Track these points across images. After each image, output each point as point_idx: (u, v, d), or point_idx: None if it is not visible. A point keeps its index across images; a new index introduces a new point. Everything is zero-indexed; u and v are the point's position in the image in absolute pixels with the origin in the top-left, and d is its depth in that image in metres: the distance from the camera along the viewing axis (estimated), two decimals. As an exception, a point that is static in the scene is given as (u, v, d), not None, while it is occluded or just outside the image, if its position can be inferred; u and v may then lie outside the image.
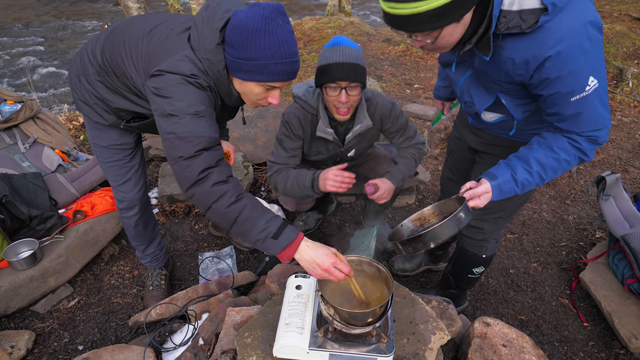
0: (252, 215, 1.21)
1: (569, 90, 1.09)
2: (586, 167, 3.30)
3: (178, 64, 1.22)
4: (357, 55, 1.70)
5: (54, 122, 2.93)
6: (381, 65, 5.27)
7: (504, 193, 1.27)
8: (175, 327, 1.72)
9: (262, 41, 1.16)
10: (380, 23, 10.29)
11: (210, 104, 1.27)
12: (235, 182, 1.24)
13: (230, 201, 1.19)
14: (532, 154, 1.23)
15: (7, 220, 2.06)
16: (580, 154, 1.21)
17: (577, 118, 1.14)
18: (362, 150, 2.11)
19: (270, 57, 1.19)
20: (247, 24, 1.16)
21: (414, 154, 2.05)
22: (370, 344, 1.24)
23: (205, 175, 1.19)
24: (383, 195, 1.92)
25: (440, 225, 1.17)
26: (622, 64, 4.75)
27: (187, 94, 1.21)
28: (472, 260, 1.82)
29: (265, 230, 1.20)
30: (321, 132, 1.88)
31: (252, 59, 1.19)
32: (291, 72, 1.24)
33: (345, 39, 1.76)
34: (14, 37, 9.47)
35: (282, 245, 1.21)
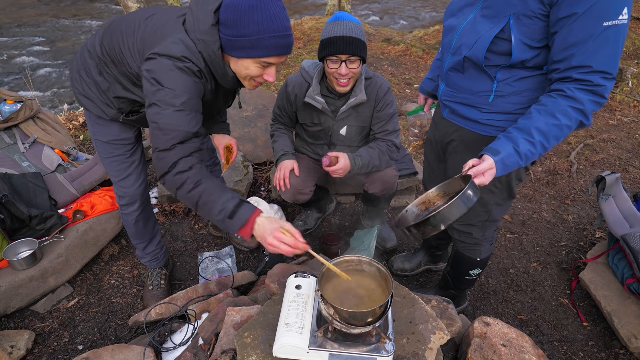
0: (210, 199, 1.27)
1: (603, 12, 1.05)
2: (586, 167, 3.30)
3: (171, 47, 1.26)
4: (358, 30, 1.78)
5: (54, 122, 2.93)
6: (381, 65, 5.27)
7: (508, 167, 1.23)
8: (175, 327, 1.72)
9: (255, 17, 1.20)
10: (380, 23, 10.30)
11: (197, 94, 1.31)
12: (197, 170, 1.28)
13: (189, 188, 1.26)
14: (533, 124, 1.19)
15: (7, 220, 2.06)
16: (581, 117, 1.16)
17: (601, 48, 1.09)
18: (354, 133, 2.11)
19: (264, 32, 1.22)
20: (240, 1, 1.21)
21: (381, 147, 2.06)
22: (370, 344, 1.24)
23: (174, 165, 1.26)
24: (338, 171, 1.95)
25: (449, 206, 1.11)
26: (622, 64, 4.75)
27: (176, 82, 1.25)
28: (467, 264, 1.82)
29: (223, 212, 1.27)
30: (310, 98, 1.98)
31: (246, 35, 1.23)
32: (285, 45, 1.28)
33: (347, 15, 1.81)
34: (14, 37, 9.47)
35: (239, 224, 1.28)
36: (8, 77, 7.64)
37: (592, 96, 1.15)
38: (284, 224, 1.31)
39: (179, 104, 1.25)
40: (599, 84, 1.13)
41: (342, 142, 2.16)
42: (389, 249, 2.48)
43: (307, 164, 2.28)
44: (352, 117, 2.05)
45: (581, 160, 3.38)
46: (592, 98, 1.15)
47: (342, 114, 2.02)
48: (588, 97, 1.15)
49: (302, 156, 2.30)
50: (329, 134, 2.14)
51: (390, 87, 2.04)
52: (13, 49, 8.81)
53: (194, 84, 1.29)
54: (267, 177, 3.07)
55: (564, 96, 1.17)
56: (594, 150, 3.51)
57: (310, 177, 2.24)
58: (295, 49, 5.86)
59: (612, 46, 1.09)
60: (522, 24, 1.19)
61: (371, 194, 2.26)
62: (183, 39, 1.28)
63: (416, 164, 2.77)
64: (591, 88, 1.14)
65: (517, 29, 1.20)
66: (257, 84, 1.40)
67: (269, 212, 2.64)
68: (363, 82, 1.96)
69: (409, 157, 2.48)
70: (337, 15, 1.82)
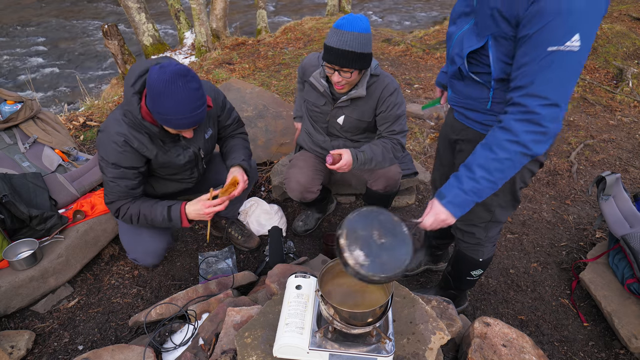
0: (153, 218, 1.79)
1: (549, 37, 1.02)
2: (586, 167, 3.30)
3: (107, 123, 1.66)
4: (356, 42, 1.74)
5: (54, 122, 2.93)
6: (381, 65, 5.27)
7: (462, 206, 1.25)
8: (175, 327, 1.72)
9: (164, 102, 1.48)
10: (380, 23, 10.30)
11: (127, 162, 1.67)
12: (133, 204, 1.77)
13: (136, 219, 1.79)
14: (475, 160, 1.20)
15: (7, 220, 2.06)
16: (520, 148, 1.13)
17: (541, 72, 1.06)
18: (351, 125, 2.12)
19: (172, 114, 1.50)
20: (153, 86, 1.48)
21: (385, 144, 2.05)
22: (370, 344, 1.24)
23: (117, 212, 1.79)
24: (342, 168, 1.95)
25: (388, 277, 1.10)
26: (622, 64, 4.75)
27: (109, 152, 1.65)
28: (469, 264, 1.81)
29: (164, 220, 1.79)
30: (314, 79, 2.03)
31: (158, 112, 1.53)
32: (190, 123, 1.56)
33: (352, 21, 1.75)
34: (14, 37, 9.47)
35: (178, 221, 1.80)
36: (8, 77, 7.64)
37: (527, 125, 1.11)
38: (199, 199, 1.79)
39: (110, 176, 1.69)
40: (533, 111, 1.09)
41: (339, 131, 2.16)
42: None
43: (314, 163, 2.28)
44: (350, 108, 2.05)
45: (581, 160, 3.38)
46: (527, 128, 1.11)
47: (341, 102, 2.03)
48: (523, 128, 1.11)
49: (308, 155, 2.30)
50: (326, 119, 2.14)
51: (398, 88, 2.01)
52: (13, 49, 8.80)
53: (122, 156, 1.65)
54: (267, 177, 3.07)
55: (500, 128, 1.16)
56: (594, 150, 3.51)
57: (317, 175, 2.24)
58: (295, 49, 5.86)
59: (554, 72, 1.05)
60: (500, 44, 1.19)
61: (374, 191, 2.26)
62: (117, 116, 1.65)
63: (416, 163, 2.77)
64: (527, 116, 1.10)
65: (495, 48, 1.20)
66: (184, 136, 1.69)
67: (268, 212, 2.64)
68: (367, 78, 1.96)
69: (409, 157, 2.47)
70: (340, 21, 1.77)
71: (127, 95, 1.59)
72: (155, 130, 1.64)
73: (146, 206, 1.78)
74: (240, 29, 8.15)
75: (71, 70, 7.83)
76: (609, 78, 4.68)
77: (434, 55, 5.53)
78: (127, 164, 1.68)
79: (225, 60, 5.56)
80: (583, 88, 4.49)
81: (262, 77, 4.85)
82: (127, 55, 6.23)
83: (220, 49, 6.10)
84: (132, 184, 1.74)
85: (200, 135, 1.87)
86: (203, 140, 1.90)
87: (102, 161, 1.68)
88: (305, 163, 2.26)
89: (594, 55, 5.00)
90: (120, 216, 1.78)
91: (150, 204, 1.79)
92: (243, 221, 2.62)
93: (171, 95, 1.46)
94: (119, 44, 6.07)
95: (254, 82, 4.68)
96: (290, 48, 5.89)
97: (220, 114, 1.98)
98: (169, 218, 1.78)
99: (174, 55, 6.58)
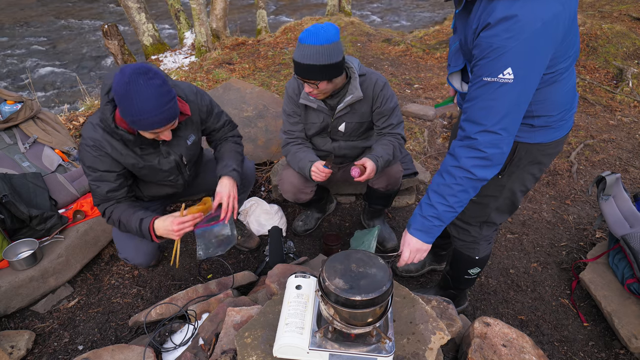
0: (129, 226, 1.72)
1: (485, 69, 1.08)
2: (586, 167, 3.30)
3: (84, 128, 1.64)
4: (318, 54, 1.73)
5: (54, 122, 2.93)
6: (381, 65, 5.27)
7: (427, 232, 1.32)
8: (175, 327, 1.72)
9: (129, 103, 1.42)
10: (380, 23, 10.30)
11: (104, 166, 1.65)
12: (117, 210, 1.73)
13: (117, 225, 1.75)
14: (431, 187, 1.27)
15: (7, 220, 2.06)
16: (464, 173, 1.18)
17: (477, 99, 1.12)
18: (353, 129, 2.12)
19: (140, 114, 1.43)
20: (117, 90, 1.42)
21: (392, 141, 2.07)
22: (370, 344, 1.24)
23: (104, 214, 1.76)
24: (370, 176, 1.96)
25: None
26: (622, 64, 4.75)
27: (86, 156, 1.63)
28: (466, 262, 1.82)
29: (137, 232, 1.72)
30: (304, 99, 2.00)
31: (126, 116, 1.47)
32: (161, 120, 1.48)
33: (315, 33, 1.73)
34: (14, 37, 9.47)
35: (148, 235, 1.71)
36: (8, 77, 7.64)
37: (469, 151, 1.16)
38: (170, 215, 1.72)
39: (90, 179, 1.68)
40: (470, 136, 1.15)
41: (342, 137, 2.17)
42: (389, 249, 2.48)
43: None
44: (349, 114, 2.06)
45: (581, 160, 3.38)
46: (469, 154, 1.16)
47: (340, 112, 2.03)
48: (465, 154, 1.17)
49: None
50: (328, 130, 2.15)
51: (386, 82, 2.03)
52: (13, 49, 8.81)
53: (99, 160, 1.63)
54: (267, 177, 3.07)
55: (449, 153, 1.23)
56: (594, 150, 3.51)
57: None
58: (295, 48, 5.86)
59: (488, 100, 1.10)
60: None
61: (375, 190, 2.26)
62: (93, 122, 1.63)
63: (416, 163, 2.77)
64: (466, 142, 1.16)
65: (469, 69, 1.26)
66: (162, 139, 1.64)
67: (269, 212, 2.64)
68: (357, 80, 1.96)
69: (409, 157, 2.47)
70: (303, 34, 1.76)
71: (102, 103, 1.56)
72: (130, 137, 1.59)
73: (126, 214, 1.72)
74: (240, 29, 8.15)
75: (71, 70, 7.83)
76: (609, 78, 4.68)
77: (434, 55, 5.53)
78: (103, 168, 1.66)
79: (225, 60, 5.56)
80: (583, 88, 4.48)
81: (262, 77, 4.85)
82: (127, 55, 6.24)
83: (220, 49, 6.10)
84: (113, 186, 1.70)
85: (182, 141, 1.80)
86: (185, 146, 1.82)
87: (82, 165, 1.68)
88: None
89: (594, 55, 5.00)
90: (107, 219, 1.76)
91: (130, 212, 1.73)
92: (243, 221, 2.62)
93: (134, 95, 1.39)
94: (119, 44, 6.07)
95: (254, 82, 4.68)
96: (290, 48, 5.89)
97: (205, 117, 1.90)
98: (141, 234, 1.72)
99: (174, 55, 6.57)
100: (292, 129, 2.14)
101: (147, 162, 1.74)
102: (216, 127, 1.99)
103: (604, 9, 6.75)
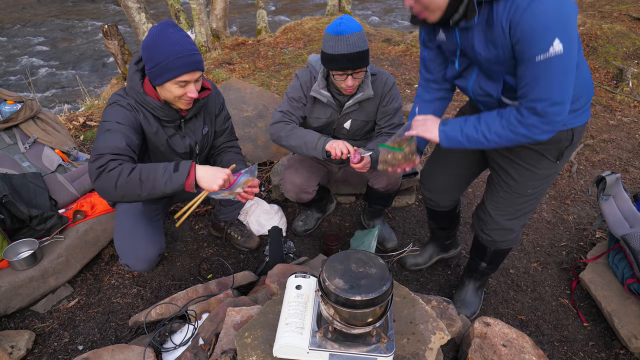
0: (151, 169, 1.50)
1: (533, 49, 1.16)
2: (586, 167, 3.30)
3: (112, 97, 1.67)
4: (360, 41, 1.78)
5: (54, 122, 2.93)
6: (381, 65, 5.27)
7: (451, 140, 1.42)
8: (175, 327, 1.72)
9: (160, 48, 1.52)
10: (380, 23, 10.29)
11: (129, 122, 1.61)
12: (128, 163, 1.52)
13: (127, 172, 1.48)
14: (487, 117, 1.35)
15: (7, 220, 2.06)
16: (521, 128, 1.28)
17: (539, 80, 1.20)
18: (358, 127, 2.13)
19: (170, 56, 1.52)
20: (148, 41, 1.54)
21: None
22: (370, 344, 1.24)
23: (105, 165, 1.49)
24: (364, 168, 1.97)
25: None
26: (622, 64, 4.75)
27: (112, 112, 1.62)
28: (506, 252, 1.89)
29: (166, 172, 1.49)
30: (315, 92, 2.00)
31: (158, 63, 1.54)
32: (192, 62, 1.56)
33: (347, 23, 1.78)
34: (14, 37, 9.48)
35: (184, 173, 1.49)
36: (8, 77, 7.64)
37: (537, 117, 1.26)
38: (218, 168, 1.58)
39: (108, 129, 1.57)
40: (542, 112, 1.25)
41: (345, 135, 2.17)
42: (389, 249, 2.48)
43: (310, 163, 2.28)
44: (357, 112, 2.07)
45: (581, 160, 3.38)
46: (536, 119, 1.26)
47: (348, 108, 2.04)
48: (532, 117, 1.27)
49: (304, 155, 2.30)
50: (332, 127, 2.14)
51: (394, 82, 2.06)
52: (13, 49, 8.81)
53: (125, 114, 1.61)
54: (267, 177, 3.07)
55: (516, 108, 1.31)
56: (594, 150, 3.51)
57: (313, 175, 2.25)
58: (295, 48, 5.86)
59: (549, 76, 1.19)
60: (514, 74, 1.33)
61: (375, 190, 2.27)
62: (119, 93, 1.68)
63: (416, 164, 2.77)
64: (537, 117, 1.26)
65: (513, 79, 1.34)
66: (187, 102, 1.66)
67: (269, 212, 2.64)
68: (369, 78, 1.98)
69: (409, 157, 2.48)
70: (337, 28, 1.76)
71: (130, 72, 1.65)
72: (157, 104, 1.65)
73: (146, 165, 1.53)
74: (240, 29, 8.15)
75: (71, 70, 7.83)
76: (609, 78, 4.68)
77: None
78: (129, 124, 1.61)
79: (225, 60, 5.56)
80: (583, 88, 4.49)
81: (262, 77, 4.85)
82: (127, 55, 6.23)
83: (220, 49, 6.10)
84: (133, 142, 1.59)
85: (198, 128, 1.87)
86: (200, 134, 1.89)
87: (105, 122, 1.59)
88: (301, 164, 2.26)
89: (594, 55, 5.00)
90: (106, 170, 1.47)
91: (150, 164, 1.55)
92: (243, 221, 2.62)
93: (165, 41, 1.52)
94: (119, 44, 6.06)
95: (254, 82, 4.68)
96: (290, 48, 5.89)
97: (218, 112, 1.98)
98: (175, 168, 1.50)
99: (174, 55, 6.58)
100: (291, 111, 2.07)
101: (168, 136, 1.76)
102: (222, 127, 2.03)
103: (604, 9, 6.74)
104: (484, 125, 1.34)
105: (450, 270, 2.38)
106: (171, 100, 1.66)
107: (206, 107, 1.89)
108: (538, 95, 1.22)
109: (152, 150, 1.79)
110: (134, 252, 1.90)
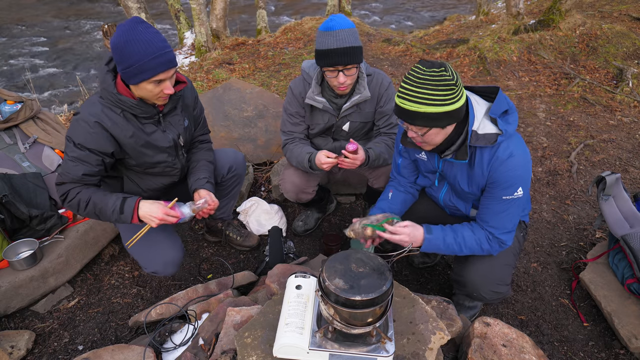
0: (103, 207, 1.64)
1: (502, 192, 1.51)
2: (586, 167, 3.30)
3: (82, 106, 1.64)
4: (351, 37, 1.78)
5: (54, 122, 2.92)
6: (381, 65, 5.27)
7: (432, 248, 1.64)
8: (175, 327, 1.72)
9: (132, 48, 1.48)
10: (380, 23, 10.30)
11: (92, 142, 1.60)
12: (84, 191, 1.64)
13: (84, 206, 1.64)
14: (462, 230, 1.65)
15: (7, 220, 2.06)
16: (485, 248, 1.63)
17: (499, 215, 1.56)
18: (356, 129, 2.13)
19: (145, 56, 1.48)
20: (118, 41, 1.49)
21: (386, 141, 2.09)
22: (370, 344, 1.24)
23: (65, 195, 1.64)
24: (357, 160, 1.92)
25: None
26: (622, 64, 4.75)
27: (76, 131, 1.61)
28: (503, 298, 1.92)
29: (114, 211, 1.64)
30: (310, 99, 2.00)
31: (132, 64, 1.50)
32: (165, 62, 1.52)
33: (339, 20, 1.79)
34: (14, 37, 9.47)
35: (128, 216, 1.65)
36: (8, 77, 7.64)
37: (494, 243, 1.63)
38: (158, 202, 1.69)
39: (71, 156, 1.61)
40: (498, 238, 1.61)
41: (344, 137, 2.17)
42: (389, 249, 2.48)
43: None
44: (355, 114, 2.06)
45: (581, 160, 3.38)
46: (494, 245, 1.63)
47: (345, 111, 2.04)
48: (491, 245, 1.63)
49: None
50: (331, 130, 2.15)
51: (390, 82, 2.06)
52: (13, 49, 8.81)
53: (86, 133, 1.59)
54: (267, 177, 3.07)
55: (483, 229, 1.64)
56: (594, 150, 3.51)
57: (313, 176, 2.24)
58: (295, 48, 5.86)
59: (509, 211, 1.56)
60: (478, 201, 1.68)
61: (375, 189, 2.26)
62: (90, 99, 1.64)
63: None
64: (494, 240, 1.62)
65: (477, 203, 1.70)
66: (164, 98, 1.64)
67: (269, 212, 2.64)
68: (365, 79, 1.97)
69: (409, 157, 2.48)
70: (328, 24, 1.78)
71: (102, 74, 1.60)
72: (132, 102, 1.61)
73: (99, 194, 1.65)
74: (240, 29, 8.15)
75: (71, 70, 7.83)
76: (609, 78, 4.68)
77: (433, 55, 5.53)
78: (93, 146, 1.61)
79: (225, 60, 5.56)
80: (583, 88, 4.48)
81: (262, 77, 4.85)
82: (127, 55, 6.23)
83: (220, 49, 6.10)
84: (92, 170, 1.64)
85: (179, 121, 1.83)
86: (182, 127, 1.85)
87: (69, 142, 1.62)
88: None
89: (594, 55, 5.00)
90: (67, 200, 1.64)
91: (104, 192, 1.68)
92: (243, 221, 2.62)
93: (136, 40, 1.47)
94: (119, 44, 6.06)
95: (254, 82, 4.68)
96: (290, 48, 5.89)
97: (194, 105, 1.95)
98: (121, 210, 1.64)
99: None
100: (292, 130, 2.14)
101: (147, 133, 1.72)
102: (198, 121, 2.02)
103: (604, 9, 6.74)
104: (461, 238, 1.64)
105: (451, 270, 2.38)
106: (147, 98, 1.63)
107: (183, 99, 1.85)
108: (497, 224, 1.59)
109: (130, 152, 1.74)
110: (162, 258, 1.87)
